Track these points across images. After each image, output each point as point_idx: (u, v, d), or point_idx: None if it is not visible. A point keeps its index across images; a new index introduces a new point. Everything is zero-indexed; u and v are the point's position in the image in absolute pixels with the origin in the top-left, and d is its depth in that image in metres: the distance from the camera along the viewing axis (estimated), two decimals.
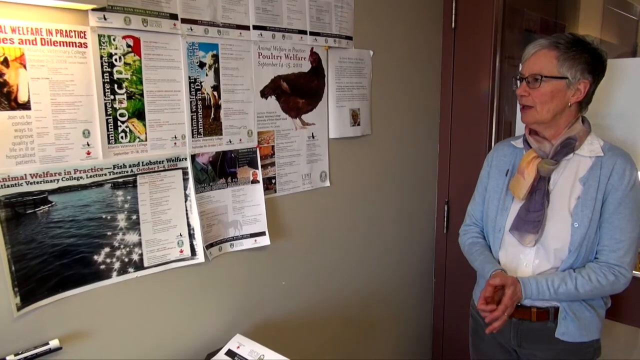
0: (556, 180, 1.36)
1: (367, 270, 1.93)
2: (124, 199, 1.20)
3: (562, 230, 1.33)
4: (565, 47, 1.28)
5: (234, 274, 1.47)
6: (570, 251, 1.33)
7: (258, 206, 1.48)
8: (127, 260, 1.22)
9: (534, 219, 1.35)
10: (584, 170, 1.34)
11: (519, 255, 1.40)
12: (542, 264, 1.37)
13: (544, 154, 1.35)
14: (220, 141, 1.38)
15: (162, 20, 1.20)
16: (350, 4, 1.68)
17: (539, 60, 1.31)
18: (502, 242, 1.44)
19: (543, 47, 1.31)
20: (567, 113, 1.33)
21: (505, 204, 1.44)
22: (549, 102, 1.30)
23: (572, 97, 1.30)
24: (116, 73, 1.15)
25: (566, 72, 1.28)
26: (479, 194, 1.57)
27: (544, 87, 1.29)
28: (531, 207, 1.37)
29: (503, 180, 1.46)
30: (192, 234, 1.33)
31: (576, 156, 1.35)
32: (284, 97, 1.52)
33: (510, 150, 1.49)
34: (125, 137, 1.19)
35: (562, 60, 1.28)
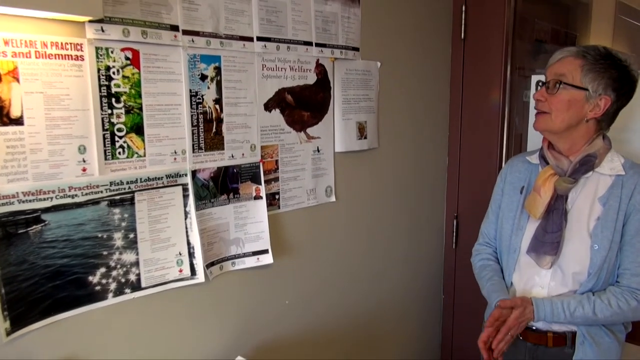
0: (574, 199, 1.29)
1: (374, 287, 1.87)
2: (121, 216, 1.15)
3: (581, 252, 1.26)
4: (593, 58, 1.22)
5: (235, 294, 1.41)
6: (590, 274, 1.26)
7: (261, 223, 1.43)
8: (124, 281, 1.17)
9: (551, 240, 1.29)
10: (604, 189, 1.27)
11: (535, 277, 1.34)
12: (558, 287, 1.30)
13: (561, 171, 1.29)
14: (222, 156, 1.34)
15: (162, 31, 1.16)
16: (357, 15, 1.63)
17: (563, 67, 1.25)
18: (517, 263, 1.38)
19: (570, 54, 1.25)
20: (583, 128, 1.26)
21: (521, 223, 1.37)
22: (563, 111, 1.24)
23: (590, 111, 1.24)
24: (114, 86, 1.11)
25: (588, 84, 1.22)
26: (492, 212, 1.50)
27: (562, 95, 1.24)
28: (548, 228, 1.30)
29: (518, 198, 1.40)
30: (192, 252, 1.28)
31: (595, 174, 1.28)
32: (289, 110, 1.47)
33: (525, 166, 1.42)
34: (122, 152, 1.14)
35: (586, 70, 1.21)
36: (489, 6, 1.93)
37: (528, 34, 2.37)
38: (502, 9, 1.91)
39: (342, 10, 1.58)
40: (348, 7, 1.59)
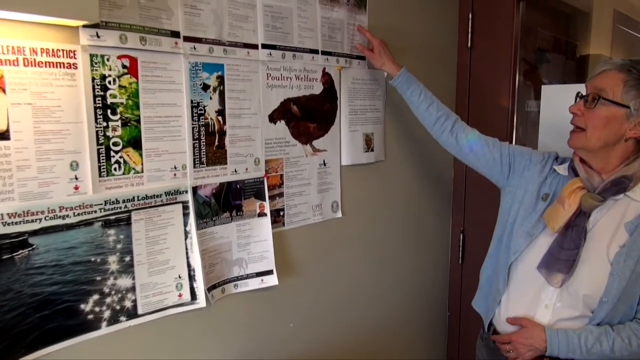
0: (597, 219, 1.21)
1: (379, 304, 1.79)
2: (116, 238, 1.06)
3: (597, 276, 1.18)
4: (638, 73, 1.13)
5: (238, 319, 1.32)
6: (602, 302, 1.17)
7: (265, 242, 1.34)
8: (119, 308, 1.07)
9: (567, 258, 1.20)
10: (632, 215, 1.18)
11: (540, 294, 1.24)
12: (565, 309, 1.22)
13: (590, 186, 1.20)
14: (225, 171, 1.25)
15: (162, 38, 1.08)
16: (364, 22, 1.56)
17: (605, 80, 1.16)
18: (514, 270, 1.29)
19: (614, 67, 1.16)
20: (621, 147, 1.18)
21: (533, 231, 1.27)
22: (601, 129, 1.16)
23: (630, 130, 1.15)
24: (110, 97, 1.02)
25: (630, 101, 1.13)
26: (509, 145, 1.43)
27: (600, 110, 1.15)
28: (565, 244, 1.21)
29: (539, 204, 1.29)
30: (192, 275, 1.19)
31: (626, 198, 1.20)
32: (294, 122, 1.39)
33: (553, 175, 1.32)
34: (118, 168, 1.05)
35: (629, 86, 1.13)
36: (497, 15, 1.88)
37: (531, 42, 2.33)
38: (511, 17, 1.85)
39: (348, 17, 1.51)
40: (354, 13, 1.52)
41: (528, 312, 1.26)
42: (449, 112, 1.49)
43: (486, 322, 1.39)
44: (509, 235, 1.32)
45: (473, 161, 1.47)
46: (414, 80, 1.49)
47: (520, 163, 1.38)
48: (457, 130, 1.47)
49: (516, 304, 1.28)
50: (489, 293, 1.38)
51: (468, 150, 1.45)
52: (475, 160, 1.46)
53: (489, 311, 1.36)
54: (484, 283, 1.44)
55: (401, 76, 1.48)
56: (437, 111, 1.47)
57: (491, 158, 1.42)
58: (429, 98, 1.48)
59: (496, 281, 1.34)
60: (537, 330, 1.22)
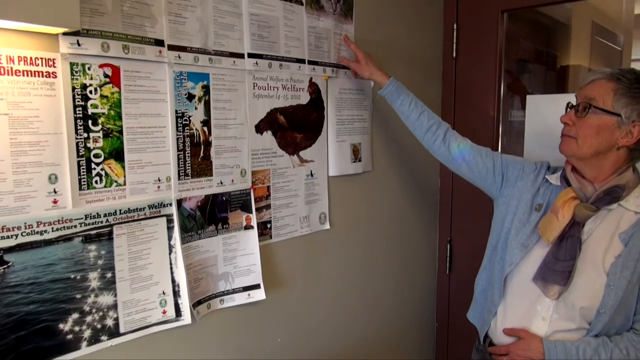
0: (592, 229, 1.20)
1: (366, 316, 1.76)
2: (97, 254, 1.02)
3: (593, 287, 1.17)
4: (627, 82, 1.14)
5: (224, 334, 1.28)
6: (600, 313, 1.16)
7: (252, 255, 1.30)
8: (100, 327, 1.03)
9: (562, 269, 1.19)
10: (627, 226, 1.18)
11: (536, 306, 1.24)
12: (562, 321, 1.21)
13: (584, 196, 1.20)
14: (211, 183, 1.22)
15: (145, 46, 1.04)
16: (350, 31, 1.55)
17: (594, 90, 1.17)
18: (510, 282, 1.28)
19: (604, 76, 1.17)
20: (613, 156, 1.18)
21: (528, 242, 1.26)
22: (592, 137, 1.16)
23: (622, 139, 1.15)
24: (91, 107, 0.98)
25: (620, 109, 1.13)
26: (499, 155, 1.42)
27: (591, 119, 1.16)
28: (560, 255, 1.20)
29: (533, 215, 1.28)
30: (176, 291, 1.15)
31: (620, 208, 1.19)
32: (281, 132, 1.37)
33: (546, 185, 1.32)
34: (100, 181, 1.01)
35: (619, 94, 1.14)
36: (481, 25, 1.89)
37: (513, 53, 2.35)
38: (495, 28, 1.87)
39: (335, 27, 1.49)
40: (341, 23, 1.51)
41: (524, 324, 1.25)
42: (440, 120, 1.47)
43: (482, 333, 1.37)
44: (504, 246, 1.31)
45: (466, 171, 1.44)
46: (403, 89, 1.47)
47: (514, 173, 1.37)
48: (449, 140, 1.44)
49: (512, 315, 1.27)
50: (484, 305, 1.37)
51: (460, 160, 1.43)
52: (468, 170, 1.43)
53: (485, 323, 1.34)
54: (478, 295, 1.42)
55: (390, 85, 1.46)
56: (429, 120, 1.45)
57: (484, 168, 1.40)
58: (420, 107, 1.46)
59: (491, 293, 1.33)
60: (535, 341, 1.21)
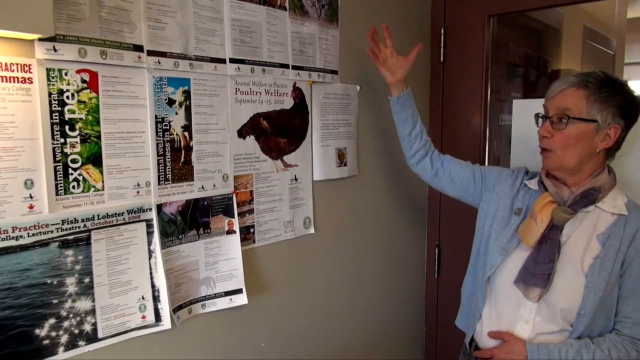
0: (570, 232, 1.22)
1: (353, 321, 1.76)
2: (75, 259, 1.02)
3: (572, 288, 1.18)
4: (596, 87, 1.15)
5: (206, 339, 1.28)
6: (580, 314, 1.17)
7: (234, 260, 1.30)
8: (77, 332, 1.03)
9: (542, 272, 1.20)
10: (604, 227, 1.20)
11: (519, 310, 1.25)
12: (544, 324, 1.22)
13: (561, 199, 1.21)
14: (192, 187, 1.22)
15: (124, 52, 1.05)
16: (336, 36, 1.56)
17: (567, 99, 1.18)
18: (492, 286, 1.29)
19: (572, 85, 1.18)
20: (593, 160, 1.20)
21: (508, 246, 1.27)
22: (573, 147, 1.17)
23: (601, 142, 1.17)
24: (68, 112, 0.98)
25: (596, 115, 1.15)
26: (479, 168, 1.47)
27: (570, 130, 1.17)
28: (540, 258, 1.21)
29: (513, 220, 1.29)
30: (156, 296, 1.15)
31: (596, 210, 1.21)
32: (264, 137, 1.37)
33: (525, 189, 1.33)
34: (77, 186, 1.01)
35: (592, 101, 1.15)
36: (468, 31, 1.90)
37: (503, 58, 2.36)
38: (482, 32, 1.87)
39: (320, 32, 1.50)
40: (326, 28, 1.52)
41: (509, 327, 1.26)
42: (429, 143, 1.53)
43: (468, 338, 1.38)
44: (485, 250, 1.32)
45: (448, 183, 1.48)
46: (412, 103, 1.50)
47: (491, 179, 1.40)
48: (433, 157, 1.51)
49: (497, 319, 1.29)
50: (469, 309, 1.38)
51: (441, 174, 1.48)
52: (449, 182, 1.47)
53: (470, 327, 1.36)
54: (465, 301, 1.43)
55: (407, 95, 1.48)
56: (420, 141, 1.51)
57: (465, 178, 1.44)
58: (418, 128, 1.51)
59: (476, 297, 1.34)
60: (518, 344, 1.22)
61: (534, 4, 1.80)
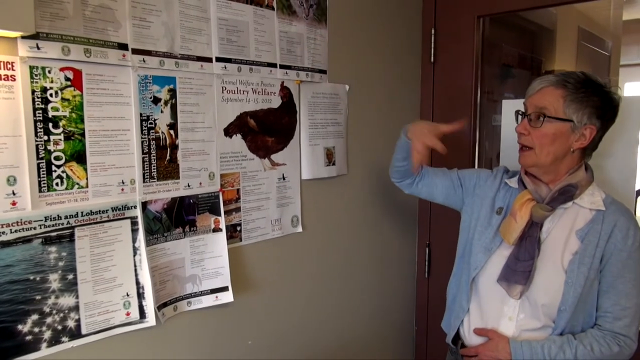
0: (550, 229, 1.24)
1: (343, 321, 1.76)
2: (58, 255, 1.02)
3: (553, 284, 1.20)
4: (574, 87, 1.17)
5: (191, 337, 1.28)
6: (561, 310, 1.19)
7: (220, 258, 1.31)
8: (61, 328, 1.03)
9: (523, 269, 1.22)
10: (582, 223, 1.21)
11: (503, 308, 1.26)
12: (527, 320, 1.23)
13: (539, 197, 1.23)
14: (177, 185, 1.22)
15: (108, 50, 1.05)
16: (325, 36, 1.56)
17: (545, 98, 1.19)
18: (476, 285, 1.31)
19: (550, 84, 1.19)
20: (568, 159, 1.21)
21: (491, 245, 1.29)
22: (549, 145, 1.19)
23: (576, 142, 1.19)
24: (51, 110, 0.99)
25: (572, 115, 1.16)
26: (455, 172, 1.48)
27: (546, 128, 1.18)
28: (521, 256, 1.23)
29: (496, 218, 1.31)
30: (141, 293, 1.15)
31: (575, 206, 1.23)
32: (251, 136, 1.38)
33: (506, 188, 1.35)
34: (61, 183, 1.02)
35: (569, 101, 1.16)
36: (458, 30, 1.90)
37: (496, 58, 2.37)
38: (472, 33, 1.88)
39: (308, 31, 1.51)
40: (314, 27, 1.52)
41: (493, 325, 1.27)
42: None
43: (450, 337, 1.39)
44: (469, 252, 1.34)
45: (427, 194, 1.51)
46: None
47: (470, 182, 1.43)
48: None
49: (482, 317, 1.30)
50: (453, 310, 1.39)
51: (421, 186, 1.50)
52: (429, 193, 1.50)
53: (452, 328, 1.37)
54: (450, 303, 1.44)
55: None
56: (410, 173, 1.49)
57: (443, 186, 1.46)
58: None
59: (460, 298, 1.35)
60: (502, 342, 1.23)
61: (524, 4, 1.81)
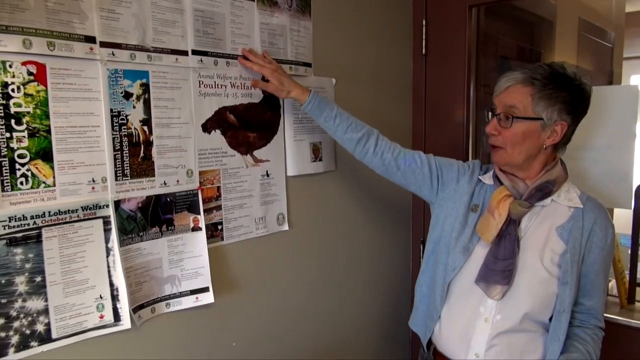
0: (528, 226, 1.20)
1: (333, 320, 1.72)
2: (25, 257, 0.99)
3: (533, 283, 1.17)
4: (541, 84, 1.13)
5: (171, 340, 1.24)
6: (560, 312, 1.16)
7: (200, 257, 1.27)
8: (29, 333, 1.00)
9: (503, 268, 1.17)
10: (562, 220, 1.19)
11: (479, 307, 1.21)
12: (505, 322, 1.18)
13: (517, 193, 1.20)
14: (153, 183, 1.18)
15: (74, 43, 1.01)
16: (309, 28, 1.52)
17: (512, 97, 1.15)
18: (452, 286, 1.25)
19: (517, 82, 1.15)
20: (542, 155, 1.19)
21: (469, 245, 1.24)
22: (520, 144, 1.16)
23: (548, 139, 1.16)
24: (14, 106, 0.95)
25: (541, 112, 1.13)
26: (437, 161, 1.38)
27: (516, 127, 1.15)
28: (500, 254, 1.18)
29: (473, 216, 1.26)
30: (115, 295, 1.11)
31: (553, 203, 1.21)
32: (231, 131, 1.33)
33: (480, 184, 1.31)
34: (25, 182, 0.98)
35: (537, 98, 1.13)
36: (450, 22, 1.85)
37: (492, 50, 2.31)
38: (463, 24, 1.82)
39: (291, 23, 1.46)
40: (297, 19, 1.48)
41: (467, 327, 1.22)
42: (369, 130, 1.36)
43: (424, 340, 1.34)
44: (445, 250, 1.28)
45: (401, 179, 1.38)
46: (325, 102, 1.33)
47: (449, 175, 1.35)
48: (382, 150, 1.36)
49: (456, 319, 1.25)
50: (426, 312, 1.34)
51: (395, 169, 1.36)
52: (403, 178, 1.37)
53: (427, 330, 1.32)
54: (419, 302, 1.39)
55: (312, 101, 1.31)
56: (357, 133, 1.34)
57: (420, 175, 1.36)
58: (346, 119, 1.34)
59: (433, 299, 1.29)
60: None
61: None
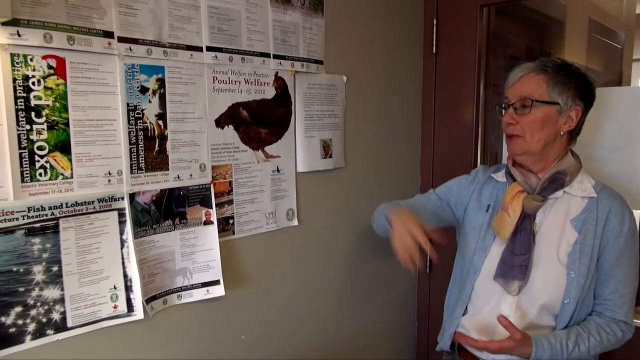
0: (542, 220, 1.21)
1: (341, 316, 1.74)
2: (42, 247, 1.01)
3: (550, 277, 1.17)
4: (553, 71, 1.16)
5: (182, 331, 1.26)
6: (565, 304, 1.17)
7: (211, 251, 1.29)
8: (45, 321, 1.02)
9: (520, 264, 1.19)
10: (576, 212, 1.19)
11: (499, 305, 1.22)
12: (524, 317, 1.20)
13: (530, 188, 1.21)
14: (167, 177, 1.20)
15: (93, 38, 1.03)
16: (321, 25, 1.53)
17: (527, 85, 1.17)
18: (475, 287, 1.27)
19: (530, 70, 1.18)
20: (557, 144, 1.20)
21: (485, 244, 1.26)
22: (539, 130, 1.16)
23: (564, 125, 1.18)
24: (34, 99, 0.97)
25: (557, 98, 1.15)
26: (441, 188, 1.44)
27: (535, 113, 1.16)
28: (516, 250, 1.20)
29: (483, 217, 1.29)
30: (129, 285, 1.14)
31: (566, 195, 1.21)
32: (244, 127, 1.35)
33: (492, 183, 1.33)
34: (44, 174, 1.00)
35: (552, 84, 1.15)
36: (461, 21, 1.86)
37: (502, 50, 2.31)
38: (474, 24, 1.83)
39: (304, 21, 1.47)
40: (310, 17, 1.49)
41: (489, 325, 1.23)
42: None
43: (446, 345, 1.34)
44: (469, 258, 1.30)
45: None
46: None
47: (451, 199, 1.40)
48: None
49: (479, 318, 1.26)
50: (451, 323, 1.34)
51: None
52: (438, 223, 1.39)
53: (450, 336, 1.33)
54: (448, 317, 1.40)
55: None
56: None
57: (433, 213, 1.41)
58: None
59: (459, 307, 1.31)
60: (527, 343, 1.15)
61: None
